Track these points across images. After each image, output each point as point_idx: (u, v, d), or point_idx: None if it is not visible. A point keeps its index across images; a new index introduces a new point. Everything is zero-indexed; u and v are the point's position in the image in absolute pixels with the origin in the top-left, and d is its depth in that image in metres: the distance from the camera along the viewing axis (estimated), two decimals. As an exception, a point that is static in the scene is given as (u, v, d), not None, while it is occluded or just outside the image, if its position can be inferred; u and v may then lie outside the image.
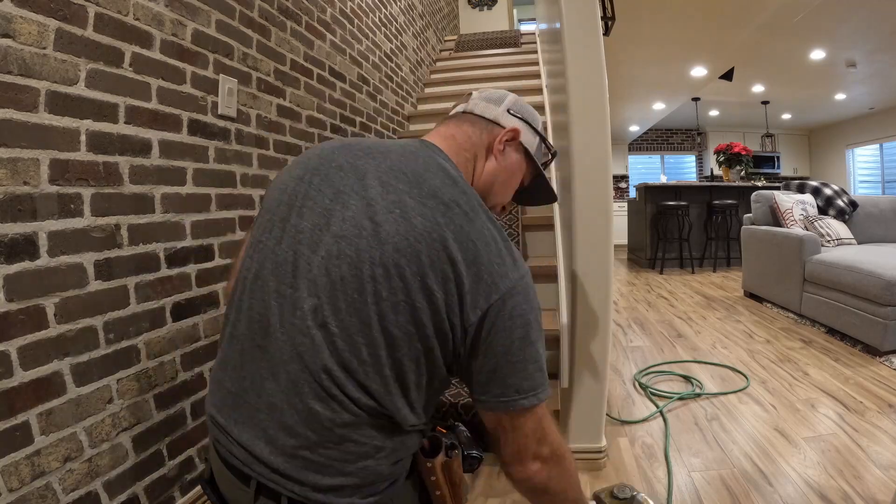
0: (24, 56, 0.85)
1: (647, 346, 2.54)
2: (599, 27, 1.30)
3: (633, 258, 6.00)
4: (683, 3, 3.80)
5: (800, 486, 1.27)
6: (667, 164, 9.43)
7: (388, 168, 0.63)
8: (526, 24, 8.35)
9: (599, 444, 1.39)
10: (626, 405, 1.82)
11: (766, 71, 5.73)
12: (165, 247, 1.16)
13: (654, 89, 6.32)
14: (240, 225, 1.43)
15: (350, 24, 2.32)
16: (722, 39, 4.51)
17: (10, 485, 0.81)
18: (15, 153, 0.84)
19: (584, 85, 1.28)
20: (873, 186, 7.76)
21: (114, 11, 1.02)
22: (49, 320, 0.89)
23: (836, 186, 3.38)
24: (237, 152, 1.43)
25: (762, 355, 2.30)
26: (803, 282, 2.84)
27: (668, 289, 4.10)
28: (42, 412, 0.87)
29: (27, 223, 0.85)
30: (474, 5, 6.66)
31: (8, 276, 0.82)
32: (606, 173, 1.28)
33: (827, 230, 3.07)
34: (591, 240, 1.30)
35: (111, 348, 1.01)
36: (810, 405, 1.75)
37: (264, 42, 1.57)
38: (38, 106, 0.87)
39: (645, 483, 1.32)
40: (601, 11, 1.61)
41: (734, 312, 3.18)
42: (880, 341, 2.20)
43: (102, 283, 1.00)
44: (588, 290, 1.31)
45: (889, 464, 1.35)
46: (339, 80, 2.15)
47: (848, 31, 4.41)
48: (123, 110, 1.05)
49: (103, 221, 1.00)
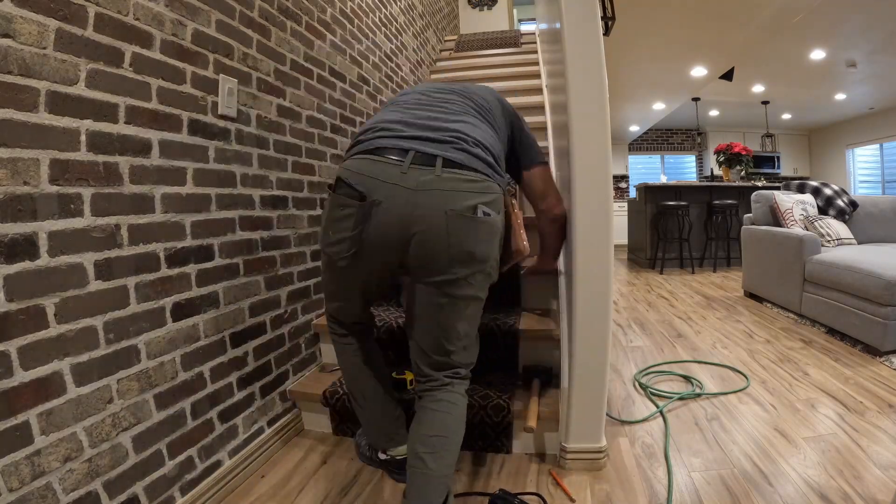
0: (24, 56, 0.85)
1: (647, 346, 2.54)
2: (599, 27, 1.30)
3: (633, 258, 6.00)
4: (683, 3, 3.80)
5: (800, 486, 1.27)
6: (667, 164, 9.43)
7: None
8: (526, 24, 8.36)
9: (599, 444, 1.39)
10: (626, 405, 1.82)
11: (766, 71, 5.73)
12: (165, 247, 1.16)
13: (654, 89, 6.32)
14: (240, 225, 1.43)
15: (350, 24, 2.32)
16: (722, 39, 4.51)
17: (10, 485, 0.81)
18: (15, 153, 0.84)
19: (584, 85, 1.28)
20: (873, 186, 7.76)
21: (114, 11, 1.02)
22: (49, 320, 0.89)
23: (836, 186, 3.38)
24: (237, 152, 1.43)
25: (762, 355, 2.30)
26: (803, 282, 2.84)
27: (668, 289, 4.10)
28: (42, 412, 0.87)
29: (27, 223, 0.86)
30: (474, 5, 6.66)
31: (8, 276, 0.82)
32: (606, 173, 1.28)
33: (827, 230, 3.07)
34: (591, 240, 1.30)
35: (111, 348, 1.01)
36: (810, 405, 1.75)
37: (264, 42, 1.57)
38: (38, 106, 0.87)
39: (645, 483, 1.32)
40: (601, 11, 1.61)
41: (734, 312, 3.18)
42: (880, 341, 2.20)
43: (102, 283, 1.00)
44: (588, 290, 1.31)
45: (889, 464, 1.35)
46: (340, 80, 2.15)
47: (848, 32, 4.42)
48: (123, 110, 1.05)
49: (103, 221, 1.00)
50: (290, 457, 1.52)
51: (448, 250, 0.98)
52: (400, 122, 1.06)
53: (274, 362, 1.59)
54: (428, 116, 1.09)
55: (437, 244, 0.98)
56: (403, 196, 0.97)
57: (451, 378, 1.12)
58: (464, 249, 0.99)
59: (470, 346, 1.14)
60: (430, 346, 1.11)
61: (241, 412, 1.42)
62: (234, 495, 1.33)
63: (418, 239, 0.99)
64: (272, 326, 1.58)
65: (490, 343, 1.68)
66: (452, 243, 0.98)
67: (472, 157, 1.02)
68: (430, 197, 0.97)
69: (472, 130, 1.08)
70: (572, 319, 1.35)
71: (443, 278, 1.01)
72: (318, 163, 1.90)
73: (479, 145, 1.06)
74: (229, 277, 1.38)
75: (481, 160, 1.04)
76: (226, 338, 1.36)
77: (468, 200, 0.98)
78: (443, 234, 0.97)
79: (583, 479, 1.35)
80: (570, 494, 1.28)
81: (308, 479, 1.40)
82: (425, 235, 0.98)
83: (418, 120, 1.07)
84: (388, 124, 1.06)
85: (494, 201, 1.03)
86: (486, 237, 1.01)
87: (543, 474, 1.38)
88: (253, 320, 1.48)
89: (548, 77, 2.88)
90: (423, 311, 1.09)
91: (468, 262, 1.01)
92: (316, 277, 1.86)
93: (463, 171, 1.00)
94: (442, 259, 0.99)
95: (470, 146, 1.03)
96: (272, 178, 1.59)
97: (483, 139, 1.09)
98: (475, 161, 1.02)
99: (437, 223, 0.97)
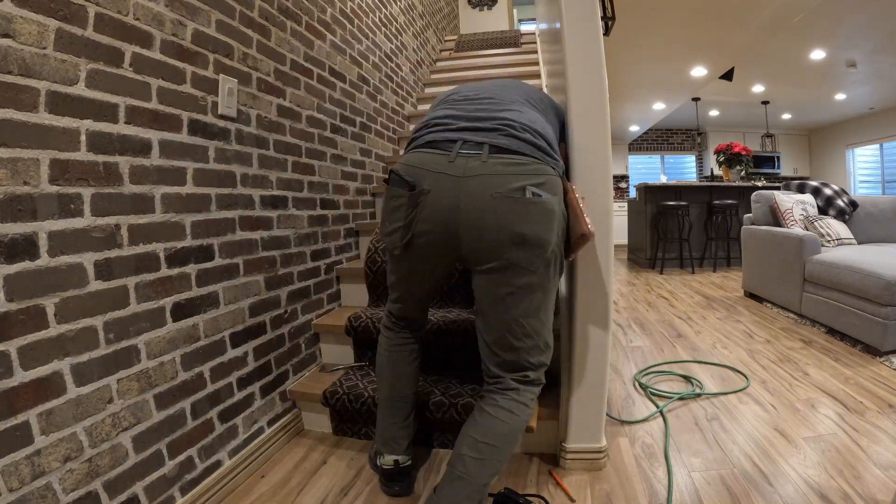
0: (24, 56, 0.85)
1: (647, 346, 2.54)
2: (599, 27, 1.30)
3: (633, 258, 6.00)
4: (684, 4, 3.80)
5: (800, 486, 1.27)
6: (667, 164, 9.43)
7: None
8: (526, 24, 8.37)
9: (599, 444, 1.39)
10: (626, 405, 1.82)
11: (766, 71, 5.73)
12: (165, 247, 1.16)
13: (654, 89, 6.32)
14: (240, 225, 1.43)
15: (350, 24, 2.32)
16: (722, 39, 4.51)
17: (11, 485, 0.81)
18: (15, 153, 0.84)
19: (584, 85, 1.28)
20: (873, 186, 7.76)
21: (114, 11, 1.02)
22: (49, 320, 0.89)
23: (836, 186, 3.38)
24: (237, 152, 1.43)
25: (762, 355, 2.30)
26: (803, 282, 2.84)
27: (668, 289, 4.10)
28: (42, 412, 0.87)
29: (27, 223, 0.86)
30: (474, 5, 6.67)
31: (8, 276, 0.82)
32: (606, 173, 1.28)
33: (827, 230, 3.07)
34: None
35: (111, 348, 1.01)
36: (810, 405, 1.75)
37: (264, 42, 1.57)
38: (38, 106, 0.87)
39: (645, 483, 1.32)
40: (601, 11, 1.61)
41: (734, 312, 3.18)
42: (880, 341, 2.20)
43: (102, 283, 1.00)
44: (588, 290, 1.31)
45: (889, 464, 1.35)
46: (339, 80, 2.15)
47: (848, 32, 4.42)
48: (123, 110, 1.05)
49: (103, 221, 1.00)
50: (290, 457, 1.52)
51: (497, 233, 0.97)
52: (449, 117, 1.10)
53: (274, 362, 1.59)
54: (476, 108, 1.11)
55: (487, 228, 0.97)
56: (450, 183, 0.99)
57: (518, 383, 1.08)
58: (515, 231, 0.97)
59: (540, 343, 1.08)
60: (495, 343, 1.07)
61: (241, 412, 1.42)
62: (234, 495, 1.33)
63: (467, 224, 0.99)
64: (272, 326, 1.58)
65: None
66: (501, 225, 0.96)
67: (521, 141, 1.02)
68: (478, 182, 0.97)
69: (520, 116, 1.08)
70: (572, 319, 1.35)
71: (496, 264, 1.00)
72: (318, 163, 1.90)
73: (528, 130, 1.05)
74: (229, 277, 1.38)
75: (530, 144, 1.02)
76: (226, 338, 1.36)
77: (516, 182, 0.97)
78: (491, 217, 0.97)
79: (583, 479, 1.35)
80: (570, 494, 1.28)
81: (308, 479, 1.40)
82: (474, 220, 0.98)
83: (467, 113, 1.10)
84: (439, 119, 1.10)
85: (546, 183, 1.00)
86: (540, 219, 0.98)
87: (543, 474, 1.38)
88: (253, 320, 1.48)
89: (548, 77, 2.88)
90: (485, 305, 1.06)
91: (521, 244, 0.98)
92: (315, 277, 1.86)
93: (511, 155, 1.00)
94: (492, 243, 0.98)
95: (518, 131, 1.03)
96: (272, 178, 1.59)
97: (532, 123, 1.08)
98: (523, 145, 1.01)
99: (485, 206, 0.97)
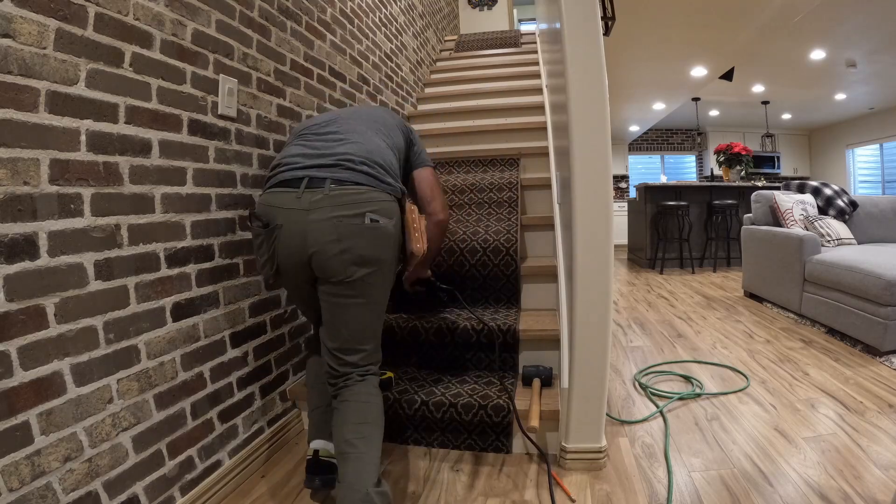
0: (24, 56, 0.85)
1: (647, 346, 2.54)
2: (599, 27, 1.30)
3: (633, 258, 5.99)
4: (683, 3, 3.80)
5: (800, 486, 1.27)
6: (667, 164, 9.43)
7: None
8: (526, 24, 8.36)
9: (599, 444, 1.39)
10: (626, 405, 1.82)
11: (766, 71, 5.73)
12: (165, 247, 1.16)
13: (654, 89, 6.32)
14: (240, 225, 1.43)
15: (350, 24, 2.32)
16: (722, 39, 4.51)
17: (11, 485, 0.81)
18: (15, 153, 0.84)
19: (584, 85, 1.28)
20: (873, 186, 7.76)
21: (114, 11, 1.02)
22: (49, 320, 0.89)
23: (836, 186, 3.38)
24: (237, 152, 1.43)
25: (762, 355, 2.30)
26: (803, 282, 2.84)
27: (668, 289, 4.10)
28: (42, 412, 0.87)
29: (27, 223, 0.86)
30: (474, 5, 6.66)
31: (8, 276, 0.82)
32: (606, 173, 1.28)
33: (827, 230, 3.07)
34: (591, 240, 1.30)
35: (111, 348, 1.01)
36: (810, 405, 1.75)
37: (264, 42, 1.57)
38: (38, 106, 0.87)
39: (645, 483, 1.32)
40: (601, 11, 1.61)
41: (734, 312, 3.18)
42: (880, 341, 2.20)
43: (102, 283, 1.00)
44: (588, 290, 1.31)
45: (889, 464, 1.35)
46: (340, 80, 2.15)
47: (848, 31, 4.41)
48: (123, 110, 1.05)
49: (103, 221, 1.00)
50: (291, 457, 1.52)
51: (342, 255, 1.11)
52: (299, 155, 1.20)
53: (274, 362, 1.59)
54: (322, 145, 1.23)
55: (332, 251, 1.11)
56: (298, 216, 1.12)
57: (364, 375, 1.21)
58: (356, 253, 1.12)
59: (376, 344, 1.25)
60: (338, 349, 1.19)
61: (241, 412, 1.42)
62: (234, 495, 1.33)
63: (315, 248, 1.12)
64: (272, 326, 1.58)
65: (490, 343, 1.68)
66: (344, 248, 1.11)
67: (358, 173, 1.17)
68: (321, 213, 1.11)
69: (359, 149, 1.22)
70: (572, 319, 1.35)
71: (341, 279, 1.14)
72: (318, 163, 1.89)
73: (366, 162, 1.20)
74: (229, 277, 1.38)
75: (366, 174, 1.18)
76: (226, 338, 1.36)
77: (355, 209, 1.12)
78: (334, 242, 1.11)
79: (583, 479, 1.35)
80: (570, 494, 1.28)
81: (308, 479, 1.40)
82: (321, 245, 1.11)
83: (314, 150, 1.21)
84: (290, 158, 1.20)
85: (382, 209, 1.16)
86: (377, 241, 1.15)
87: (543, 474, 1.38)
88: (253, 320, 1.48)
89: (548, 77, 2.88)
90: (330, 315, 1.19)
91: (361, 264, 1.14)
92: (316, 277, 1.86)
93: (350, 186, 1.14)
94: (338, 264, 1.12)
95: (356, 165, 1.18)
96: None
97: (369, 154, 1.22)
98: (360, 176, 1.17)
99: (329, 230, 1.11)
